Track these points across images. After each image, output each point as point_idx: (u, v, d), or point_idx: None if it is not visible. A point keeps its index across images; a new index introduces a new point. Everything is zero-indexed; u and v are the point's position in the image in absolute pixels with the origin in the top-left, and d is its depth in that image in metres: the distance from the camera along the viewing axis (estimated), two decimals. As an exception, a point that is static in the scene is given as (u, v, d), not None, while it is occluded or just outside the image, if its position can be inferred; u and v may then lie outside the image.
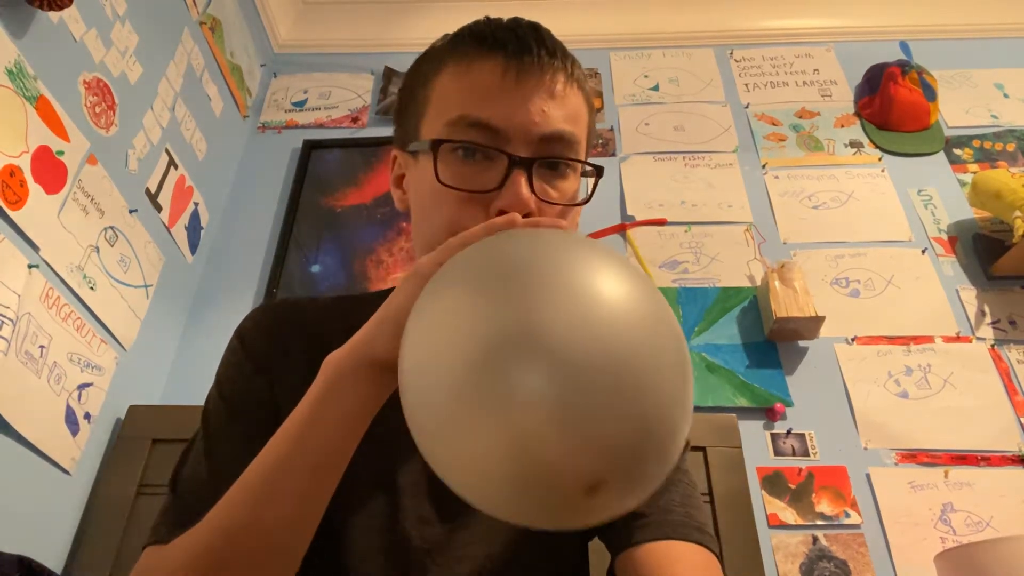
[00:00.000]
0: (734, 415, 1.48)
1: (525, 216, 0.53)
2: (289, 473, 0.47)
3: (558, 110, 0.57)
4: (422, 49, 0.65)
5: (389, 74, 2.22)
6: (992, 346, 1.62)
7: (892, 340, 1.64)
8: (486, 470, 0.36)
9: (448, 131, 0.56)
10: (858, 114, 2.07)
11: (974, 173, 1.85)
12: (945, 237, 1.80)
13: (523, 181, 0.54)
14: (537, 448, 0.34)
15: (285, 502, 0.46)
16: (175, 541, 0.50)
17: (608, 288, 0.38)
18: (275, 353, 0.65)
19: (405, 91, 0.65)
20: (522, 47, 0.57)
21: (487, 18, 0.61)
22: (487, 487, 0.37)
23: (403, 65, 0.98)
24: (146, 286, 1.55)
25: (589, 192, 0.61)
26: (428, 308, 0.40)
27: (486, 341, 0.36)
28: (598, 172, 0.61)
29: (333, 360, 0.49)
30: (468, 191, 0.55)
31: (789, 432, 1.52)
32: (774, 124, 2.06)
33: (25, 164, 1.19)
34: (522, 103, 0.55)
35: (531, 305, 0.36)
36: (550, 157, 0.56)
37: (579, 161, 0.59)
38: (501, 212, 0.54)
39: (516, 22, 0.59)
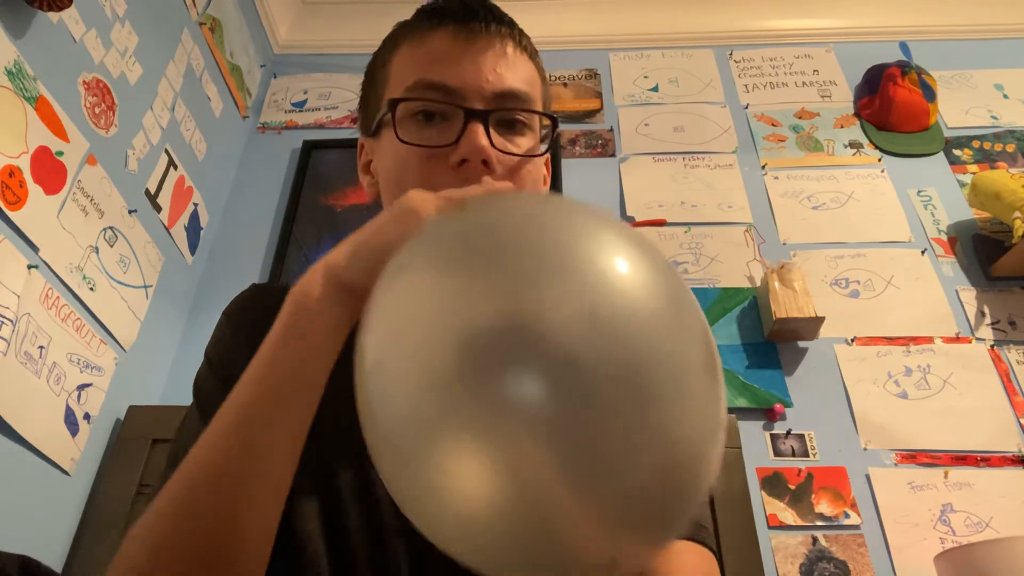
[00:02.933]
0: (733, 416, 1.48)
1: (483, 163, 0.55)
2: (259, 401, 0.45)
3: (510, 71, 0.59)
4: None
5: (389, 74, 2.23)
6: (992, 347, 1.62)
7: (892, 341, 1.64)
8: (462, 522, 0.29)
9: (406, 96, 0.58)
10: (858, 115, 2.07)
11: (974, 174, 1.85)
12: (945, 238, 1.80)
13: (480, 130, 0.55)
14: (536, 507, 0.27)
15: (255, 433, 0.44)
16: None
17: (623, 269, 0.30)
18: (258, 331, 0.63)
19: (366, 79, 0.67)
20: (470, 14, 0.59)
21: None
22: (467, 543, 0.30)
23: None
24: (146, 286, 1.55)
25: (547, 146, 0.63)
26: (389, 295, 0.32)
27: (455, 341, 0.28)
28: (553, 123, 0.62)
29: (302, 286, 0.47)
30: (428, 147, 0.56)
31: (789, 433, 1.52)
32: (774, 125, 2.06)
33: (25, 164, 1.19)
34: (474, 62, 0.58)
35: (522, 289, 0.28)
36: (505, 110, 0.58)
37: (535, 112, 0.60)
38: (463, 162, 0.55)
39: None
